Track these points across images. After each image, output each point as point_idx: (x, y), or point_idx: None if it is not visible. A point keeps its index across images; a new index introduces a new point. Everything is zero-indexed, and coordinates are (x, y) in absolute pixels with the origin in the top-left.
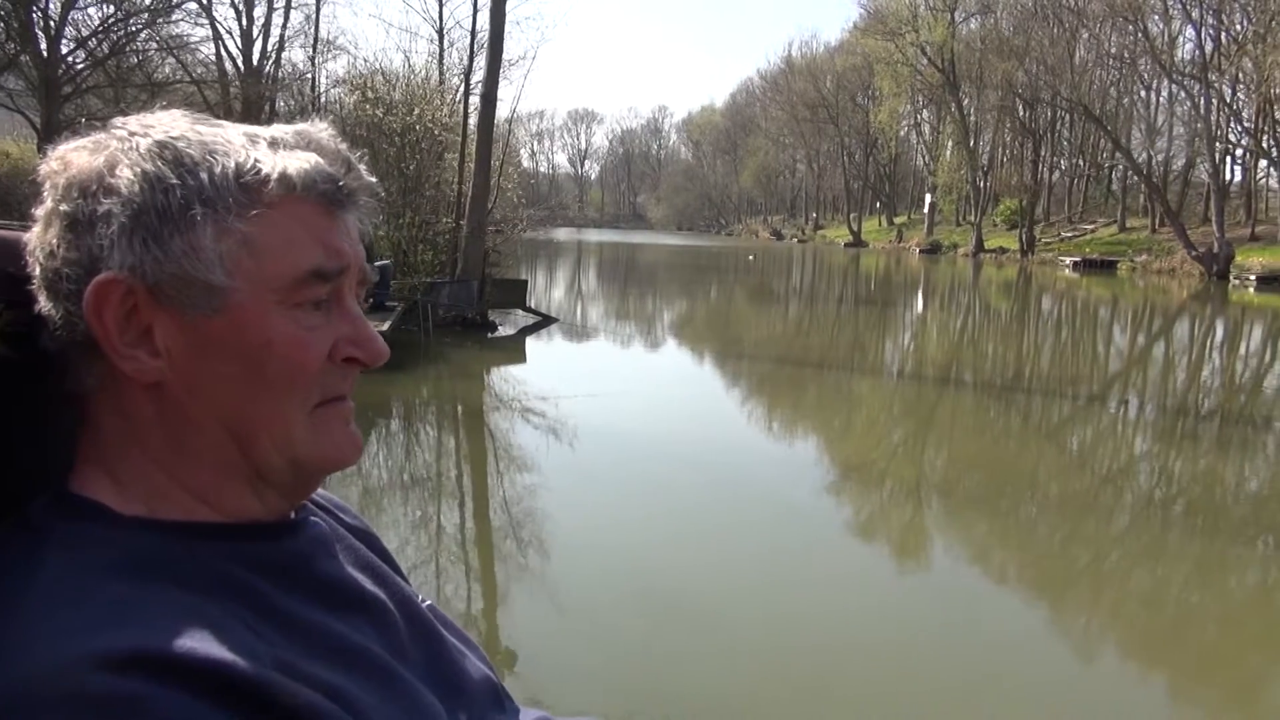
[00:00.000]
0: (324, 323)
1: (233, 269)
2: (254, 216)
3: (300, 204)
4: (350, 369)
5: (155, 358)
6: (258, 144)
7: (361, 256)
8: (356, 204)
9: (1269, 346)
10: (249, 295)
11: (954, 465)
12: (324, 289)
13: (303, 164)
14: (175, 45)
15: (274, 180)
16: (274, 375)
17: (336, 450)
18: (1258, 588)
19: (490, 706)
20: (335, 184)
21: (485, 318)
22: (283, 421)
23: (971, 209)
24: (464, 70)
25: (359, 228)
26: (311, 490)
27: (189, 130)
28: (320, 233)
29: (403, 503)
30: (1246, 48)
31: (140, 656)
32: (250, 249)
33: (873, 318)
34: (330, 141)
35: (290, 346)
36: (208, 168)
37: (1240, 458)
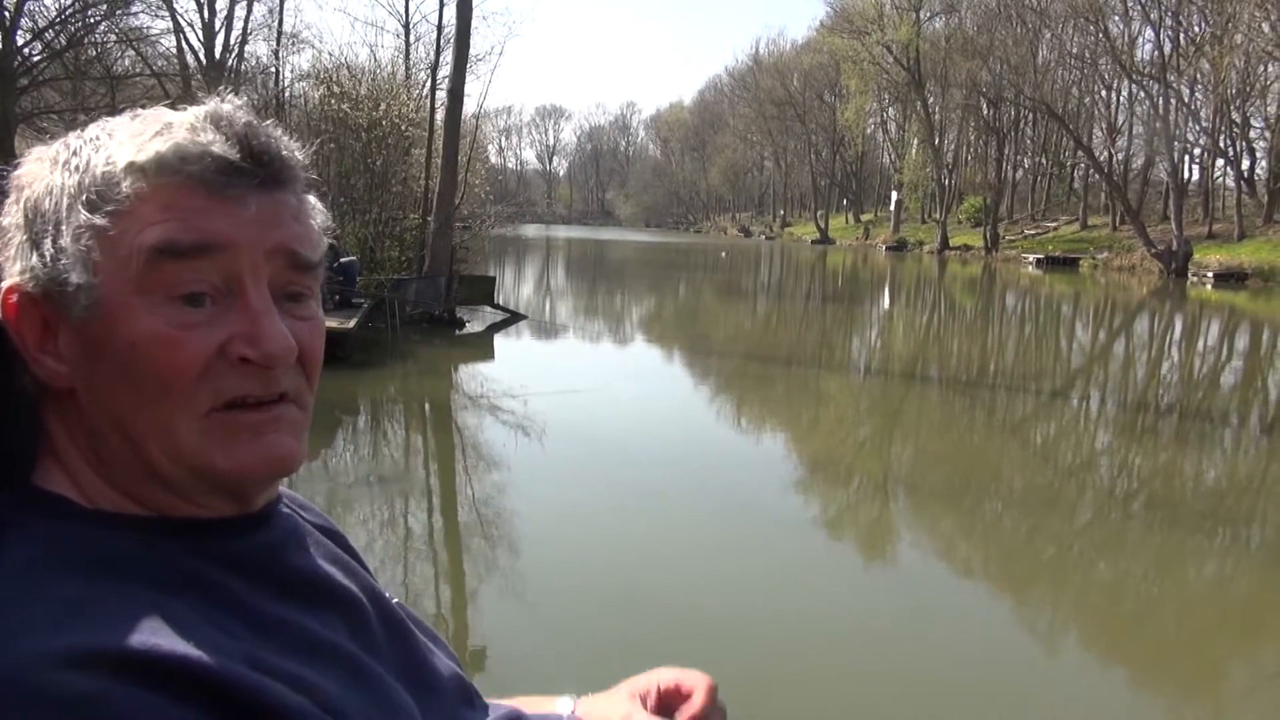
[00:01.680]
0: (208, 319)
1: (92, 265)
2: (110, 210)
3: (167, 190)
4: (253, 370)
5: (61, 364)
6: (142, 135)
7: (278, 240)
8: (260, 183)
9: (1225, 342)
10: (110, 290)
11: (920, 460)
12: (195, 271)
13: (157, 147)
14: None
15: (120, 170)
16: (143, 378)
17: (235, 462)
18: (1215, 578)
19: (460, 703)
20: (211, 163)
21: (453, 314)
22: (165, 428)
23: (937, 206)
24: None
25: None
26: (253, 495)
27: (109, 128)
28: (181, 212)
29: (370, 501)
30: (1204, 49)
31: (102, 654)
32: (105, 242)
33: (840, 314)
34: (236, 118)
35: (155, 345)
36: (85, 164)
37: (1198, 452)
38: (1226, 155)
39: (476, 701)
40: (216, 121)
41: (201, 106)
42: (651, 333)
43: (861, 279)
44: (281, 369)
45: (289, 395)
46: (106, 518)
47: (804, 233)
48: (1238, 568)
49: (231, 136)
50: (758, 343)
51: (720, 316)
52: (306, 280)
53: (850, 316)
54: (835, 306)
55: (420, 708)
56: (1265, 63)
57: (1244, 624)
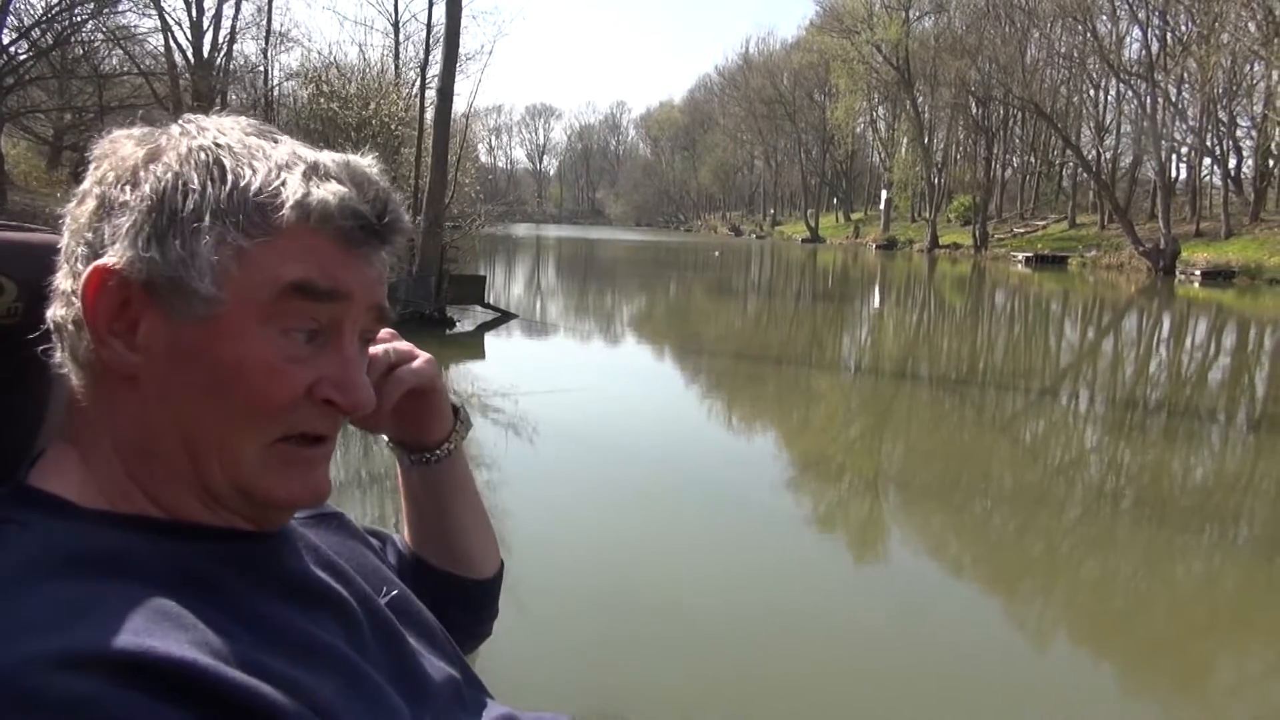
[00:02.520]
0: (310, 356)
1: (222, 280)
2: (258, 238)
3: (313, 235)
4: (330, 411)
5: (133, 352)
6: (295, 166)
7: (378, 296)
8: (382, 244)
9: (1213, 340)
10: (233, 308)
11: (910, 458)
12: (314, 312)
13: (326, 196)
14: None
15: (288, 207)
16: (238, 398)
17: (285, 491)
18: (1203, 575)
19: (453, 706)
20: (358, 221)
21: (443, 314)
22: (234, 447)
23: (926, 205)
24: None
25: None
26: (277, 522)
27: (238, 140)
28: (323, 259)
29: (361, 502)
30: (1191, 48)
31: (98, 655)
32: (243, 263)
33: (831, 313)
34: (375, 179)
35: (261, 372)
36: (233, 180)
37: (1186, 449)
38: (1213, 154)
39: (468, 702)
40: (358, 179)
41: (338, 154)
42: (642, 332)
43: (852, 278)
44: (357, 415)
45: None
46: (104, 517)
47: (794, 231)
48: (1226, 564)
49: (374, 199)
50: (748, 342)
51: (711, 315)
52: (379, 329)
53: (841, 315)
54: (826, 305)
55: (412, 710)
56: (1251, 62)
57: (1232, 621)
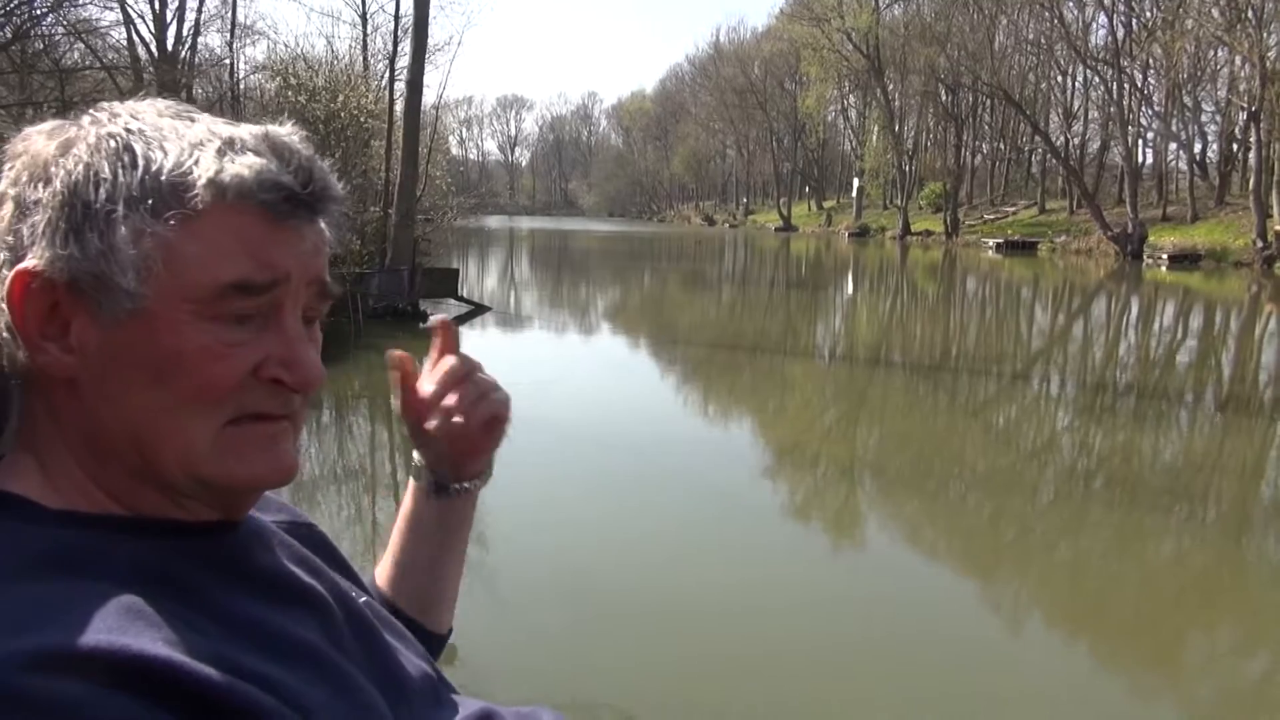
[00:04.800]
0: (250, 338)
1: (145, 275)
2: (177, 223)
3: (235, 213)
4: (279, 390)
5: (68, 353)
6: (209, 144)
7: (316, 269)
8: (313, 214)
9: (1180, 322)
10: (162, 304)
11: (885, 445)
12: (250, 303)
13: (241, 170)
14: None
15: (201, 185)
16: (180, 387)
17: (247, 472)
18: (1173, 554)
19: (429, 702)
20: (281, 193)
21: (416, 307)
22: (184, 435)
23: (898, 192)
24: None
25: (325, 239)
26: (244, 506)
27: (152, 122)
28: (252, 243)
29: (336, 497)
30: (1156, 34)
31: (70, 654)
32: (168, 256)
33: (805, 301)
34: (297, 147)
35: (202, 360)
36: (144, 164)
37: (1155, 431)
38: (1179, 139)
39: (445, 700)
40: (277, 148)
41: (256, 126)
42: (617, 323)
43: (825, 265)
44: (307, 394)
45: (293, 411)
46: (69, 517)
47: (767, 220)
48: (1195, 544)
49: (297, 168)
50: (723, 331)
51: (685, 305)
52: (324, 305)
53: (815, 303)
54: (800, 293)
55: (390, 705)
56: (1215, 47)
57: (1201, 599)
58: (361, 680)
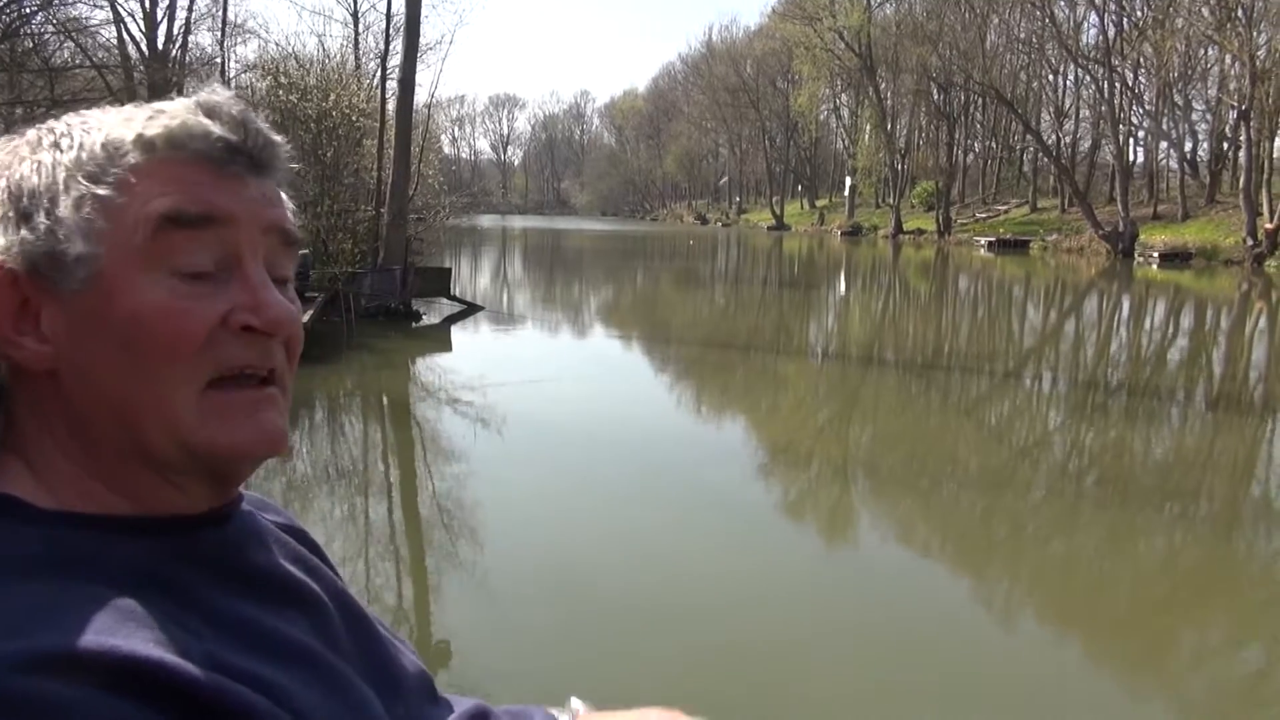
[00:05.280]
0: (210, 291)
1: (93, 235)
2: (114, 180)
3: (171, 164)
4: (256, 339)
5: (44, 344)
6: (138, 116)
7: (273, 218)
8: (256, 166)
9: (1171, 321)
10: (112, 260)
11: (878, 443)
12: (199, 242)
13: (168, 122)
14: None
15: (129, 143)
16: (147, 349)
17: (233, 438)
18: (1164, 551)
19: (424, 699)
20: (214, 141)
21: (409, 307)
22: (165, 403)
23: (890, 191)
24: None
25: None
26: (235, 481)
27: (86, 116)
28: (186, 182)
29: (329, 496)
30: (1146, 33)
31: (61, 656)
32: (108, 211)
33: (798, 300)
34: (227, 104)
35: (161, 316)
36: (78, 143)
37: (1147, 428)
38: (1170, 137)
39: (439, 698)
40: (210, 109)
41: (191, 97)
42: (610, 322)
43: (818, 264)
44: (281, 337)
45: (276, 374)
46: (63, 518)
47: (760, 219)
48: (1186, 541)
49: (229, 121)
50: (716, 329)
51: (679, 304)
52: (289, 262)
53: (808, 302)
54: (793, 292)
55: (384, 704)
56: (1205, 46)
57: (1193, 595)
58: (355, 679)
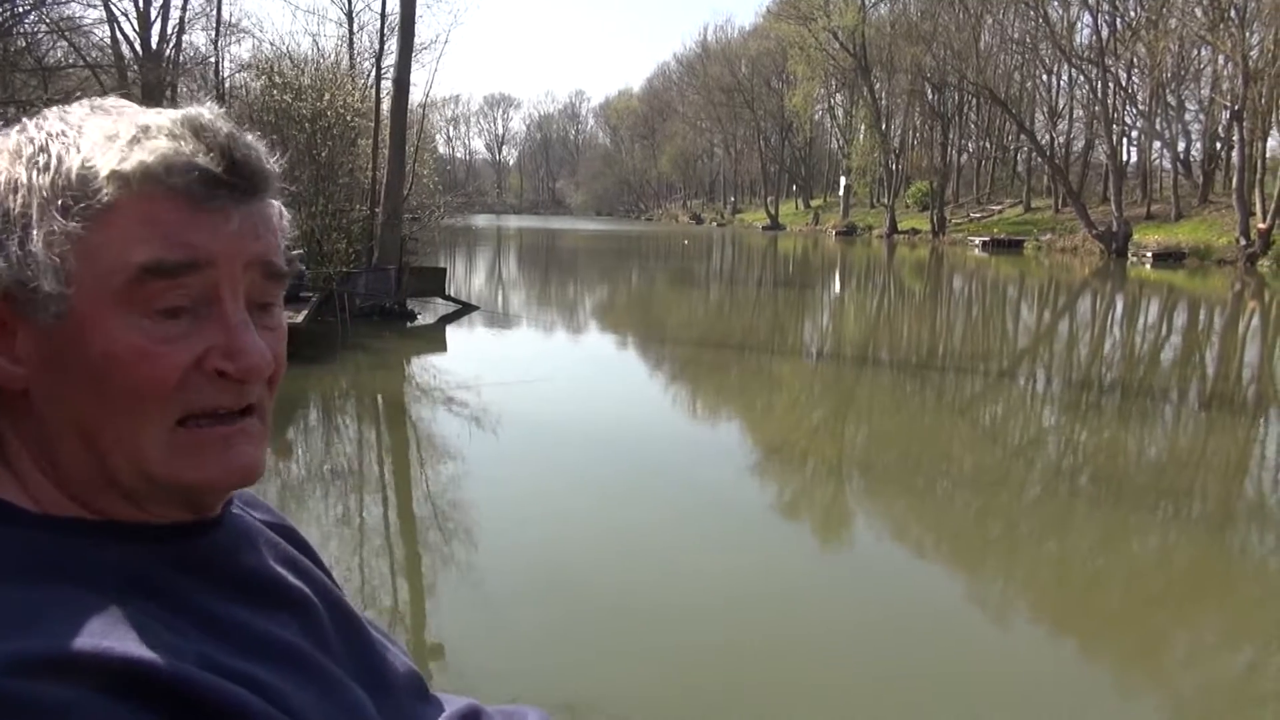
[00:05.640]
0: (186, 332)
1: (66, 275)
2: (87, 217)
3: (146, 200)
4: (228, 384)
5: (16, 364)
6: (121, 136)
7: (256, 252)
8: (240, 194)
9: (1165, 320)
10: (86, 302)
11: (873, 442)
12: (177, 291)
13: (144, 156)
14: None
15: (103, 178)
16: (118, 389)
17: (201, 475)
18: (1158, 550)
19: (415, 699)
20: (194, 174)
21: (404, 307)
22: (132, 438)
23: (885, 191)
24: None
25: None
26: (211, 505)
27: (76, 123)
28: (165, 226)
29: (323, 497)
30: (1140, 33)
31: (52, 658)
32: (82, 251)
33: (793, 299)
34: (214, 127)
35: (134, 359)
36: (56, 165)
37: (1140, 428)
38: (1163, 137)
39: (431, 697)
40: (196, 130)
41: (178, 110)
42: (605, 321)
43: (812, 264)
44: (256, 383)
45: (254, 407)
46: (54, 522)
47: (755, 219)
48: (1179, 539)
49: (214, 147)
50: (711, 329)
51: (673, 304)
52: (277, 290)
53: (803, 301)
54: (788, 291)
55: (375, 704)
56: (1198, 47)
57: (1186, 593)
58: (346, 680)
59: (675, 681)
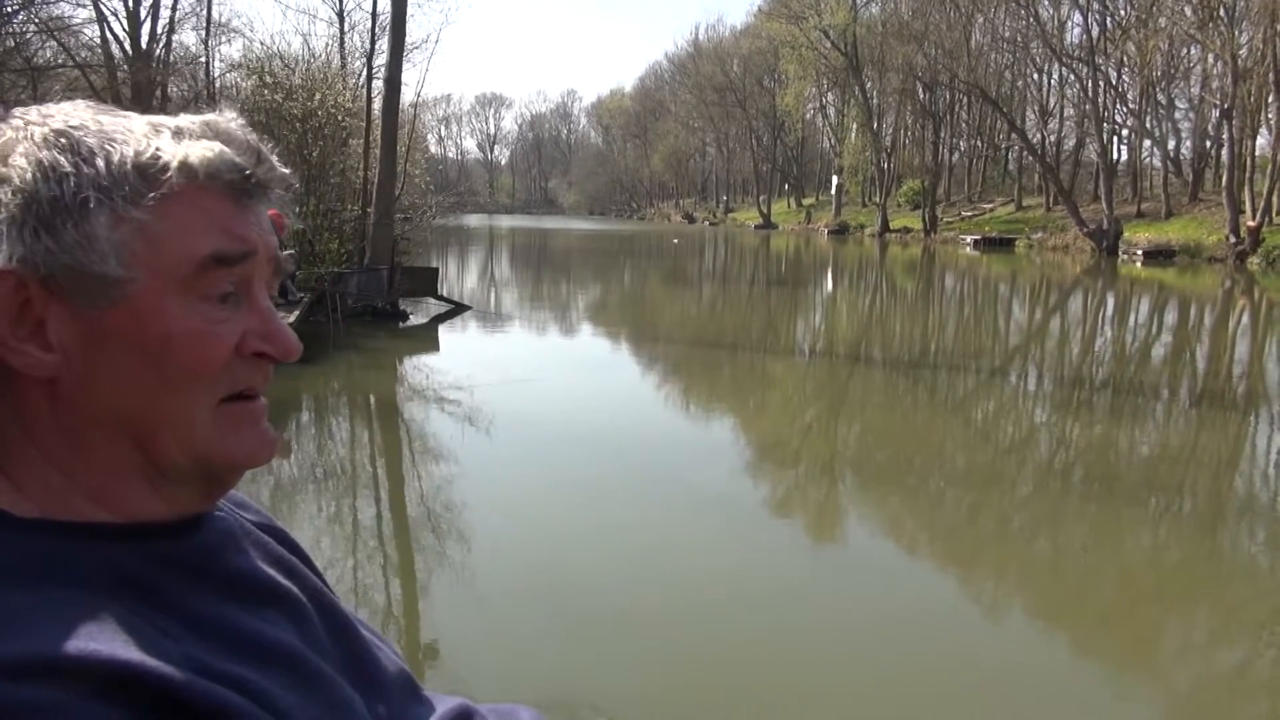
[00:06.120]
0: (230, 315)
1: (129, 259)
2: (152, 205)
3: (203, 193)
4: (261, 363)
5: (48, 352)
6: (160, 133)
7: (274, 246)
8: (267, 195)
9: (1155, 318)
10: (147, 286)
11: (865, 440)
12: (229, 278)
13: (205, 152)
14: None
15: (174, 168)
16: (175, 370)
17: (244, 448)
18: (1150, 546)
19: (407, 698)
20: (241, 173)
21: (396, 307)
22: (185, 418)
23: (877, 190)
24: (366, 54)
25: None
26: (227, 489)
27: (90, 119)
28: (223, 219)
29: (316, 498)
30: (1130, 32)
31: (39, 661)
32: (147, 237)
33: (785, 298)
34: (239, 132)
35: (192, 340)
36: (105, 155)
37: (1132, 425)
38: (1153, 136)
39: (422, 696)
40: (224, 136)
41: (197, 116)
42: (598, 321)
43: (805, 263)
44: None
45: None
46: (39, 525)
47: (747, 218)
48: (1171, 535)
49: (246, 150)
50: (704, 328)
51: (666, 303)
52: (277, 283)
53: (795, 300)
54: (780, 290)
55: (366, 703)
56: (1188, 45)
57: (1178, 589)
58: (337, 679)
59: (669, 679)
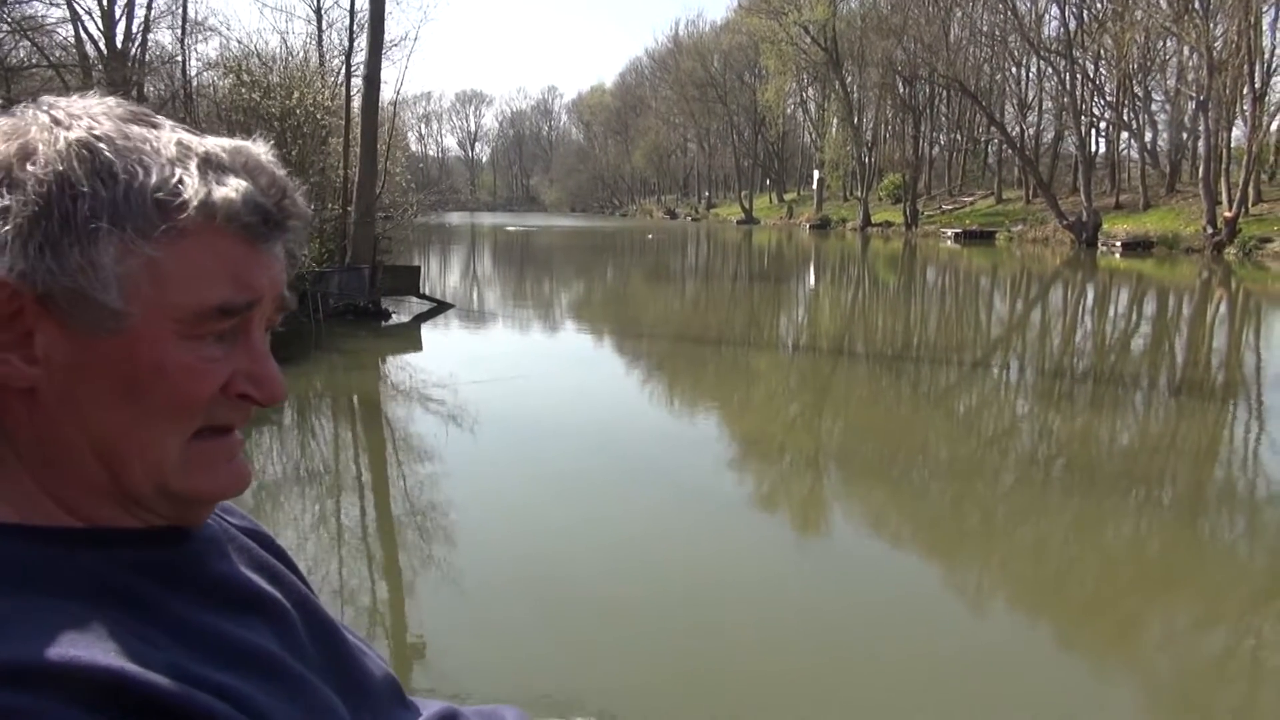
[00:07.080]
0: (224, 355)
1: (131, 293)
2: (164, 241)
3: (219, 235)
4: (243, 404)
5: (31, 364)
6: (188, 160)
7: (280, 286)
8: (284, 234)
9: (1134, 308)
10: (145, 322)
11: (849, 435)
12: (229, 323)
13: (230, 194)
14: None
15: (193, 207)
16: (157, 402)
17: (214, 484)
18: (1131, 536)
19: (393, 703)
20: (262, 216)
21: (378, 306)
22: (155, 449)
23: (858, 184)
24: (344, 51)
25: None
26: (201, 516)
27: (116, 130)
28: (234, 265)
29: (299, 499)
30: (1107, 25)
31: (21, 667)
32: (153, 275)
33: (768, 293)
34: (268, 165)
35: (183, 375)
36: (125, 180)
37: (1112, 415)
38: (1130, 128)
39: (407, 701)
40: (251, 169)
41: (229, 141)
42: (581, 318)
43: (787, 258)
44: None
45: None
46: (22, 531)
47: (729, 213)
48: (1152, 526)
49: (270, 188)
50: (688, 324)
51: (649, 299)
52: (279, 318)
53: (778, 295)
54: (763, 286)
55: (351, 709)
56: (1164, 38)
57: (1160, 578)
58: (320, 685)
59: (654, 671)
